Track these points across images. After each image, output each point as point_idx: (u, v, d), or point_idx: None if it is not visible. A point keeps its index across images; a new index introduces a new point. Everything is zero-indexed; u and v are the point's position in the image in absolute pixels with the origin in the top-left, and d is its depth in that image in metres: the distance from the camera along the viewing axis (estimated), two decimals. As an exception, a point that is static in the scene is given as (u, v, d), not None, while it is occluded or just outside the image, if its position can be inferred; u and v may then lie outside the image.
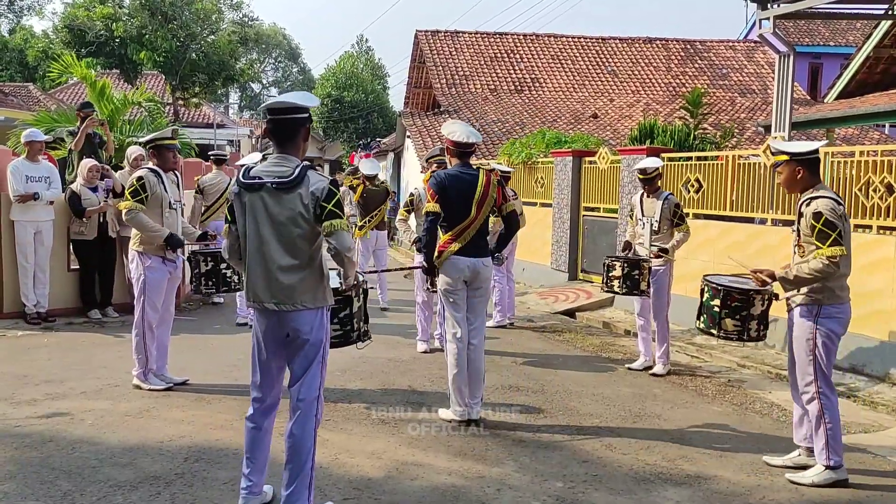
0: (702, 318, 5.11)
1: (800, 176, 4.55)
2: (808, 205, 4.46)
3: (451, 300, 5.34)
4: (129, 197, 5.79)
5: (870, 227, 7.04)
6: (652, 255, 6.92)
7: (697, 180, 9.27)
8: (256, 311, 3.81)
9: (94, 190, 8.48)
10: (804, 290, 4.44)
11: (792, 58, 10.16)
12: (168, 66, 28.22)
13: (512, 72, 25.97)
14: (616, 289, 6.92)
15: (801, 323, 4.45)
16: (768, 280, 4.58)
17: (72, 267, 8.75)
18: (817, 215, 4.37)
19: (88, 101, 11.45)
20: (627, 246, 7.24)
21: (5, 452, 4.51)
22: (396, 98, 67.78)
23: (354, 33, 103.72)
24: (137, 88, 17.23)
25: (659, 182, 7.15)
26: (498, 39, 27.40)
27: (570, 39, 27.80)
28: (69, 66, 14.27)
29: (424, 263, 5.56)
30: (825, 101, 17.98)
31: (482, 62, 26.10)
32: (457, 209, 5.27)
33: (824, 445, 4.37)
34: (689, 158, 9.77)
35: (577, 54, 27.08)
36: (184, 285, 9.83)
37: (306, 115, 3.67)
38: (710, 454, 4.83)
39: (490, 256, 5.52)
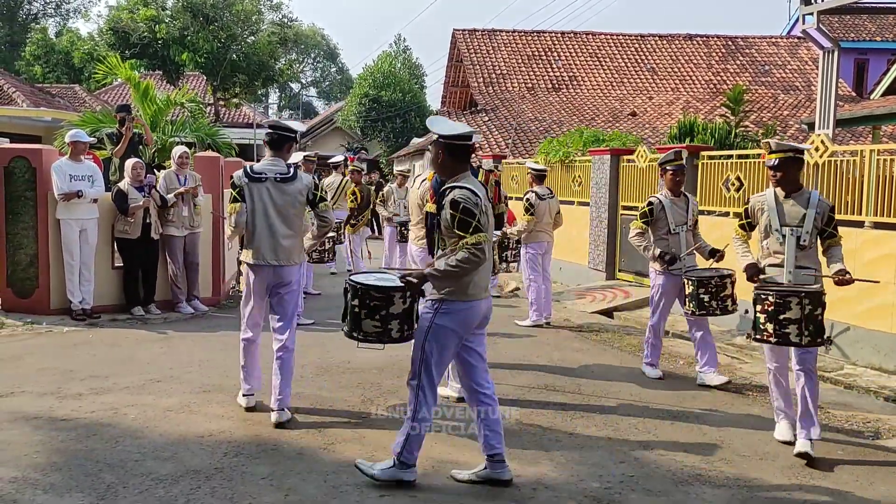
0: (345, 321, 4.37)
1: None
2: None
3: None
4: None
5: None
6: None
7: (738, 178, 9.13)
8: (255, 268, 5.20)
9: (141, 189, 8.65)
10: None
11: (836, 53, 9.96)
12: (209, 67, 28.66)
13: (549, 70, 25.86)
14: (794, 338, 4.61)
15: None
16: None
17: (116, 265, 8.93)
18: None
19: (126, 104, 11.68)
20: (756, 270, 5.02)
21: (52, 445, 4.63)
22: (434, 97, 67.94)
23: (392, 33, 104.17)
24: (179, 89, 17.52)
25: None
26: (535, 38, 27.31)
27: (608, 37, 27.59)
28: (114, 67, 14.56)
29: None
30: (871, 97, 17.59)
31: (519, 61, 26.04)
32: None
33: (402, 441, 4.10)
34: (730, 157, 9.63)
35: (616, 52, 26.86)
36: (223, 283, 9.98)
37: (293, 134, 5.30)
38: (750, 456, 4.76)
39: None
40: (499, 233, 7.23)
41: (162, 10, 29.02)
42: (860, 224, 7.43)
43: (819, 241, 4.97)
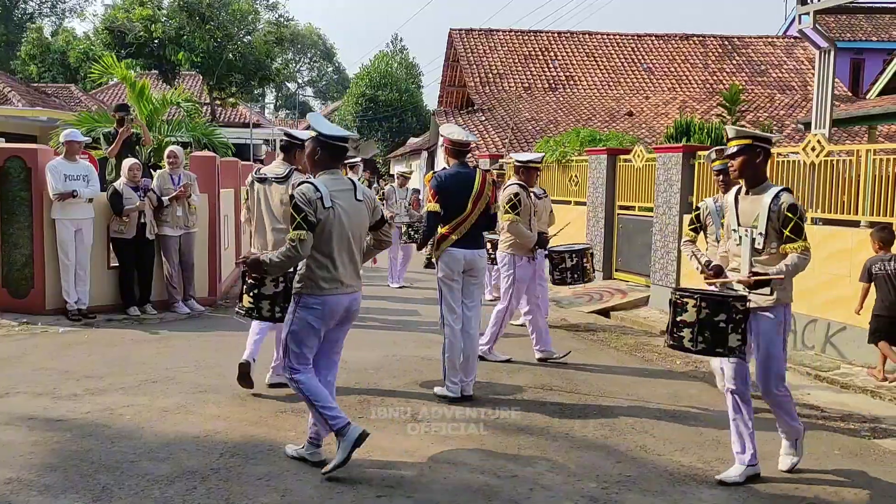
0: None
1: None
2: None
3: (449, 288, 5.82)
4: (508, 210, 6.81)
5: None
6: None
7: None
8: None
9: (136, 189, 8.63)
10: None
11: (833, 53, 9.97)
12: (205, 67, 28.63)
13: (546, 70, 25.86)
14: (686, 343, 4.30)
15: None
16: None
17: (111, 265, 8.91)
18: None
19: (124, 103, 11.64)
20: (716, 270, 4.65)
21: (47, 446, 4.61)
22: (430, 97, 67.93)
23: (389, 33, 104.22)
24: (176, 89, 17.49)
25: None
26: (532, 37, 27.31)
27: (604, 37, 27.61)
28: (110, 67, 14.51)
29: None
30: (867, 97, 17.61)
31: (516, 60, 26.04)
32: (454, 205, 5.77)
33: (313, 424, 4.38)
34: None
35: (612, 52, 26.87)
36: (220, 283, 9.96)
37: (300, 142, 5.56)
38: (747, 456, 4.75)
39: (485, 248, 6.10)
40: (491, 235, 7.25)
41: (158, 10, 28.98)
42: (856, 224, 7.45)
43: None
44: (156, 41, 28.21)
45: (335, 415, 4.22)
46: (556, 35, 27.69)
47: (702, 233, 6.05)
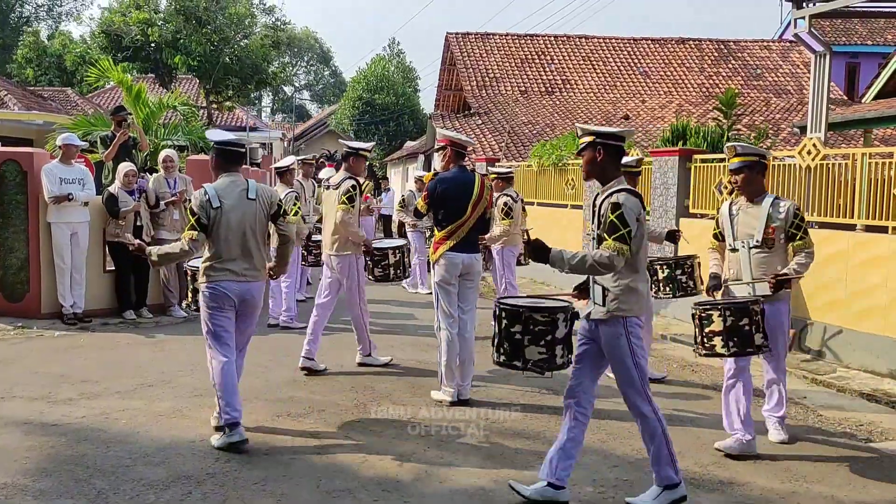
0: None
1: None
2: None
3: (446, 291, 5.82)
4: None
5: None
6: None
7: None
8: None
9: (132, 193, 8.61)
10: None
11: (828, 57, 9.99)
12: (202, 70, 28.62)
13: (542, 73, 25.88)
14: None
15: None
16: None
17: (107, 268, 8.89)
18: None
19: (122, 105, 11.61)
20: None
21: (41, 450, 4.59)
22: (427, 100, 67.98)
23: (386, 36, 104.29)
24: (172, 92, 17.45)
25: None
26: (528, 41, 27.33)
27: (601, 40, 27.64)
28: (106, 70, 14.49)
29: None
30: (863, 101, 17.65)
31: (513, 64, 26.05)
32: (453, 208, 5.75)
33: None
34: (723, 160, 9.63)
35: (609, 55, 26.91)
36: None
37: (354, 150, 6.51)
38: (744, 460, 4.76)
39: (480, 252, 6.12)
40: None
41: (154, 14, 28.97)
42: (852, 227, 7.46)
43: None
44: (152, 45, 28.19)
45: (231, 409, 4.69)
46: (552, 39, 27.72)
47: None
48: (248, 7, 30.66)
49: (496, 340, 4.21)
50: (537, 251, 3.92)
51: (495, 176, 9.22)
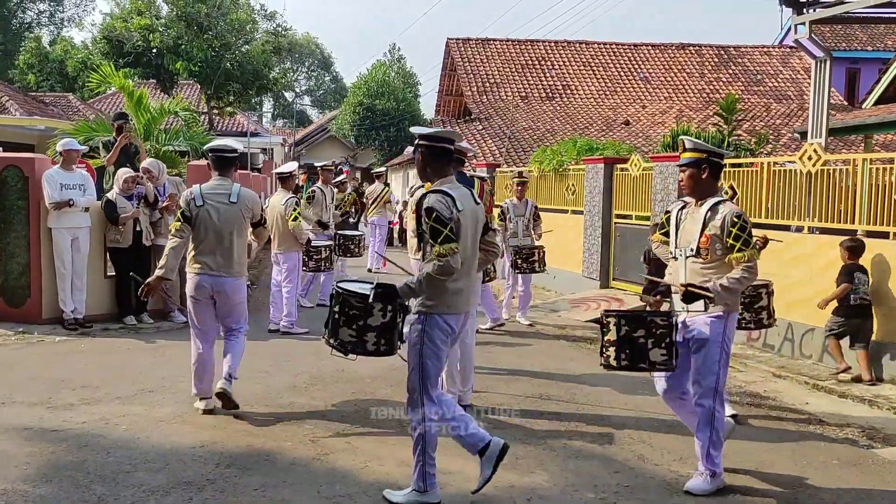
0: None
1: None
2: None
3: None
4: None
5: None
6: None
7: (732, 187, 9.11)
8: None
9: (130, 198, 8.62)
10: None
11: (828, 63, 10.01)
12: (203, 76, 28.63)
13: (543, 79, 25.92)
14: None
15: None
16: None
17: (108, 274, 8.89)
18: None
19: (123, 112, 11.63)
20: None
21: (42, 456, 4.59)
22: (428, 106, 67.99)
23: (386, 42, 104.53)
24: (173, 98, 17.50)
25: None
26: (529, 47, 27.38)
27: (601, 46, 27.69)
28: (108, 76, 14.52)
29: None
30: (863, 106, 17.66)
31: (513, 69, 26.10)
32: None
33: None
34: (723, 165, 9.64)
35: (609, 61, 26.95)
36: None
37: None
38: (745, 466, 4.75)
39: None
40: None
41: (156, 20, 28.98)
42: (853, 233, 7.45)
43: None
44: (154, 50, 28.20)
45: (199, 385, 5.50)
46: (552, 44, 27.76)
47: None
48: (250, 13, 30.65)
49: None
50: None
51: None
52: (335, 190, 11.11)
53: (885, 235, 7.07)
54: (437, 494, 4.03)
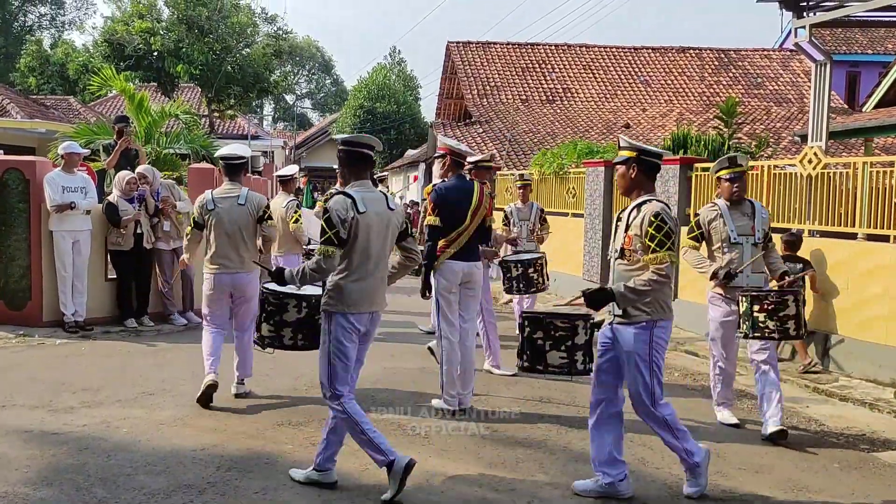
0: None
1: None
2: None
3: (447, 300, 5.81)
4: None
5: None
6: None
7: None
8: None
9: (131, 201, 8.62)
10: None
11: (829, 66, 10.02)
12: (204, 79, 28.68)
13: (543, 82, 25.94)
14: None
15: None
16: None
17: (109, 276, 8.89)
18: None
19: (124, 114, 11.64)
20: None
21: (42, 459, 4.59)
22: (428, 109, 68.09)
23: (387, 45, 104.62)
24: (174, 101, 17.51)
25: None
26: (529, 50, 27.41)
27: (601, 49, 27.71)
28: (109, 79, 14.54)
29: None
30: (863, 110, 17.67)
31: (513, 73, 26.12)
32: (454, 217, 5.76)
33: None
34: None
35: (610, 64, 26.97)
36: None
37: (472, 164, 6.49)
38: (746, 470, 4.75)
39: (481, 261, 6.09)
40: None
41: (157, 23, 29.06)
42: (853, 236, 7.46)
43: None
44: (155, 53, 28.26)
45: (208, 364, 5.75)
46: (553, 48, 27.79)
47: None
48: (250, 16, 30.73)
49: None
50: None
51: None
52: None
53: (885, 239, 7.07)
54: (332, 476, 4.31)
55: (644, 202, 4.18)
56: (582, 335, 4.26)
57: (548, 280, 7.93)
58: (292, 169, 9.24)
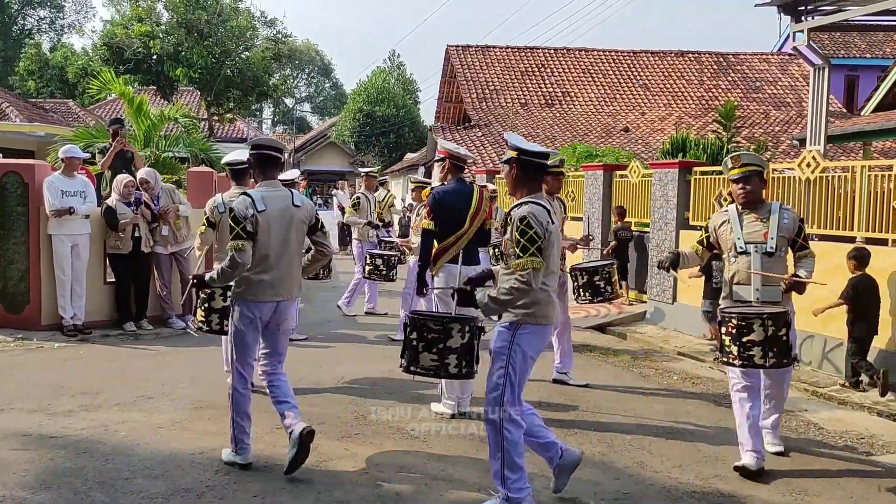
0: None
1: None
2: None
3: (445, 304, 5.73)
4: None
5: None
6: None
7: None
8: None
9: (129, 204, 8.62)
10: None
11: (827, 70, 10.04)
12: (203, 83, 28.69)
13: (542, 86, 25.98)
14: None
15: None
16: None
17: (107, 280, 8.89)
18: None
19: (119, 117, 11.64)
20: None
21: (41, 462, 4.58)
22: (427, 112, 68.15)
23: (386, 48, 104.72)
24: (173, 104, 17.51)
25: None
26: (528, 54, 27.46)
27: (601, 53, 27.77)
28: (108, 82, 14.55)
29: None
30: (862, 113, 17.71)
31: (513, 76, 26.16)
32: (452, 220, 5.72)
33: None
34: (722, 172, 9.65)
35: (609, 68, 27.02)
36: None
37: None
38: (744, 473, 4.74)
39: (480, 264, 5.95)
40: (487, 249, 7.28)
41: (156, 26, 29.05)
42: (852, 239, 7.46)
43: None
44: (154, 57, 28.26)
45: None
46: (552, 51, 27.83)
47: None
48: (250, 20, 30.73)
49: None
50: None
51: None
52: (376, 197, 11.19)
53: (883, 242, 7.08)
54: (247, 458, 4.58)
55: (519, 205, 4.00)
56: (457, 338, 4.22)
57: (619, 289, 7.63)
58: (294, 173, 9.24)
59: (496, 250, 9.32)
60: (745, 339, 4.43)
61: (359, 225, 10.28)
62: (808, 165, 7.91)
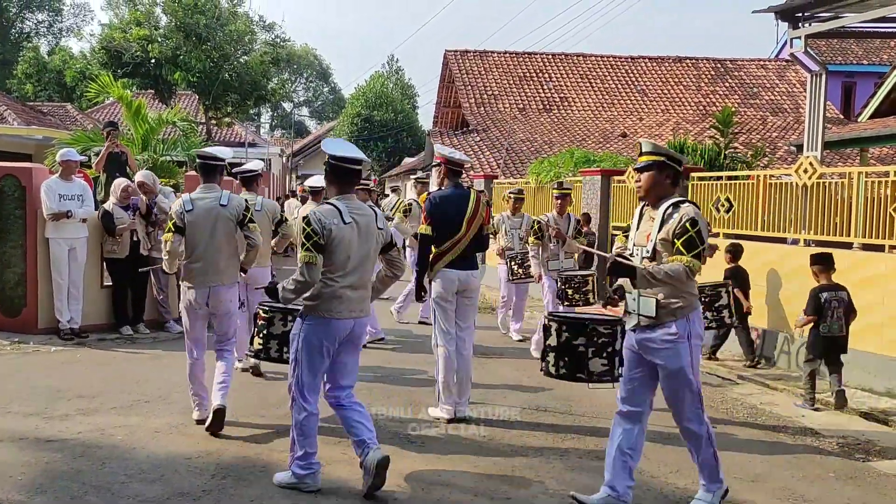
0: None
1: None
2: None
3: (443, 308, 5.79)
4: None
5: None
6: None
7: (728, 200, 9.18)
8: None
9: (127, 209, 8.62)
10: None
11: (824, 76, 10.07)
12: (202, 86, 28.67)
13: (540, 91, 26.02)
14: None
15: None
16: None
17: (105, 284, 8.88)
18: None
19: (113, 120, 11.65)
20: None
21: (37, 466, 4.57)
22: (426, 117, 68.18)
23: (385, 52, 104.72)
24: (172, 108, 17.52)
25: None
26: (527, 59, 27.50)
27: (599, 59, 27.82)
28: (106, 86, 14.56)
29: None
30: (858, 120, 17.76)
31: (511, 81, 26.20)
32: (450, 225, 5.74)
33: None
34: (720, 178, 9.69)
35: (607, 74, 27.07)
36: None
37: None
38: (741, 479, 4.74)
39: (478, 269, 6.09)
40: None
41: (155, 30, 29.04)
42: (849, 245, 7.48)
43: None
44: (152, 61, 28.24)
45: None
46: (550, 57, 27.89)
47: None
48: (248, 24, 30.72)
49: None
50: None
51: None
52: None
53: (880, 248, 7.10)
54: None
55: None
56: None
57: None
58: (258, 164, 8.66)
59: (513, 264, 9.19)
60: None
61: (407, 235, 9.70)
62: (806, 171, 7.94)
